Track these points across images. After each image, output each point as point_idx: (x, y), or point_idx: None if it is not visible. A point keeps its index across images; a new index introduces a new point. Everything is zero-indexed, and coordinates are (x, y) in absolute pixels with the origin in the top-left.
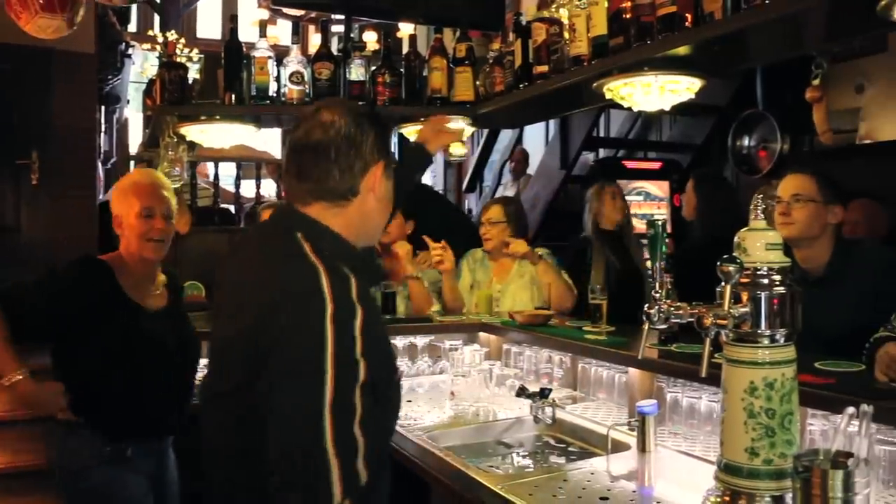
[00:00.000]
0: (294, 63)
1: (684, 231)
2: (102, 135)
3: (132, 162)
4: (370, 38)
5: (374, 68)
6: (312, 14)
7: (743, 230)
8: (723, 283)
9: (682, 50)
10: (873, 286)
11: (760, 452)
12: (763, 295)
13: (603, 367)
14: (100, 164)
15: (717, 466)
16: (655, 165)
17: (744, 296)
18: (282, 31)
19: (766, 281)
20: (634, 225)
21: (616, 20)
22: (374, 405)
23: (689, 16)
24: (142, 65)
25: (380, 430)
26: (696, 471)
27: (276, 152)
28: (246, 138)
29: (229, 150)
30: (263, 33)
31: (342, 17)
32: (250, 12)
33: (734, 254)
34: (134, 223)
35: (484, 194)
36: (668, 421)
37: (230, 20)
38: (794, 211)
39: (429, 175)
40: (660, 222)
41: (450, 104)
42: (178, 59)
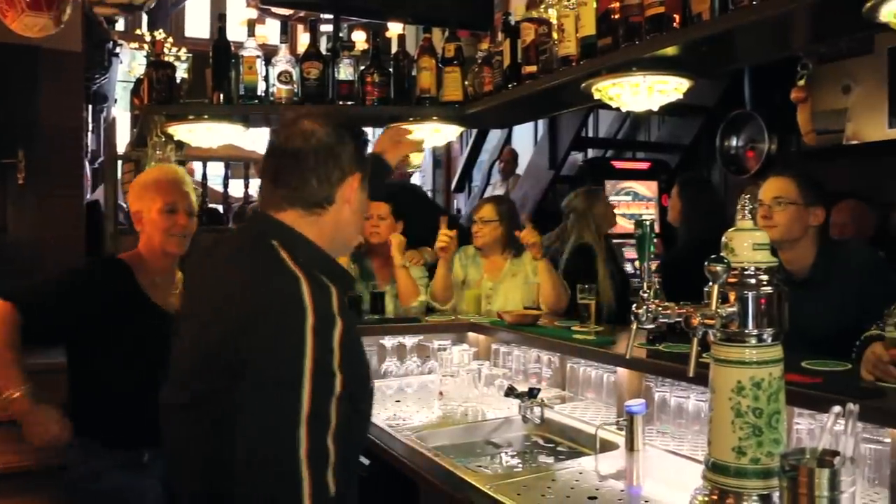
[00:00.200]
0: (282, 62)
1: (672, 231)
2: (90, 134)
3: (120, 161)
4: (359, 38)
5: (362, 68)
6: (301, 13)
7: (730, 230)
8: (710, 283)
9: (671, 50)
10: (858, 287)
11: (748, 451)
12: (750, 295)
13: (591, 367)
14: (87, 164)
15: (705, 465)
16: (644, 166)
17: (731, 295)
18: (270, 31)
19: (753, 281)
20: (623, 225)
21: (604, 20)
22: (348, 417)
23: (677, 16)
24: (129, 64)
25: (351, 441)
26: (684, 470)
27: (264, 152)
28: (234, 138)
29: (217, 149)
30: (252, 32)
31: (331, 16)
32: (239, 11)
33: (722, 254)
34: (156, 219)
35: (473, 194)
36: (656, 420)
37: (218, 19)
38: (776, 214)
39: (418, 175)
40: (648, 222)
41: (438, 104)
42: (166, 59)
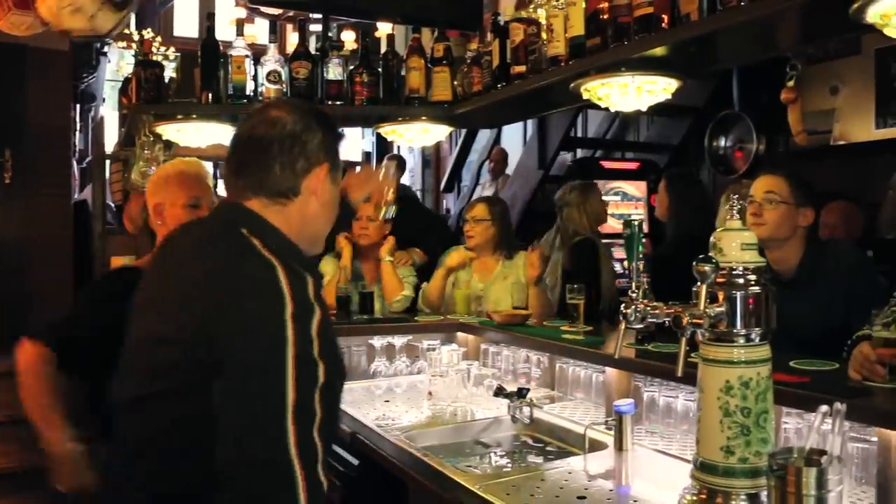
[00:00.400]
0: (271, 62)
1: (661, 231)
2: (77, 133)
3: (108, 161)
4: (348, 38)
5: (351, 68)
6: (290, 13)
7: (719, 230)
8: (699, 283)
9: (659, 51)
10: (846, 288)
11: (736, 451)
12: (738, 294)
13: (580, 367)
14: (75, 163)
15: (694, 465)
16: (633, 166)
17: (720, 295)
18: (259, 30)
19: (741, 281)
20: (612, 225)
21: (593, 21)
22: (331, 409)
23: (665, 17)
24: (117, 63)
25: (332, 435)
26: (673, 469)
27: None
28: (223, 137)
29: (206, 149)
30: (240, 32)
31: (320, 16)
32: (227, 11)
33: (710, 254)
34: (180, 213)
35: (462, 194)
36: (645, 420)
37: (207, 18)
38: (766, 212)
39: (407, 175)
40: (636, 222)
41: (428, 104)
42: (155, 58)
